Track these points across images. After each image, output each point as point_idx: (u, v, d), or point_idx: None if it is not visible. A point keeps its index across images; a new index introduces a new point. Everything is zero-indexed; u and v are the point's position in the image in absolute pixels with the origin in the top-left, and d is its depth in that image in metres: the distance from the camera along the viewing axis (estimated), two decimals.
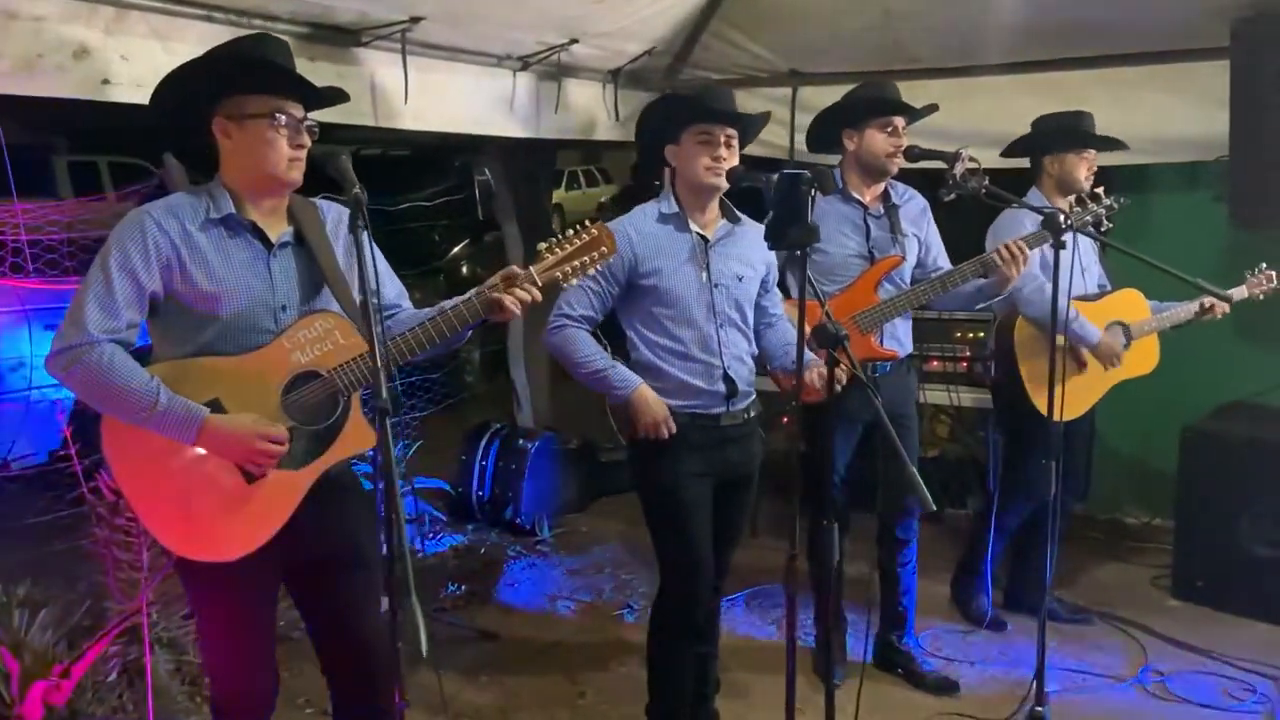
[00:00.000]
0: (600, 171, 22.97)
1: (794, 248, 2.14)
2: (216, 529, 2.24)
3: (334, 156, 2.07)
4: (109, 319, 2.16)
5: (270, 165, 2.23)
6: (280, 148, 2.22)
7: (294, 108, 2.24)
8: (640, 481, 3.04)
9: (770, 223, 2.16)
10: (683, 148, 2.86)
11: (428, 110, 3.92)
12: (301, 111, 2.26)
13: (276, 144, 2.21)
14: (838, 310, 3.37)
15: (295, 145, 2.23)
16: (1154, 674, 3.67)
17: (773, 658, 3.87)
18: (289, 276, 2.32)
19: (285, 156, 2.22)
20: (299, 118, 2.24)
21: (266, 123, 2.21)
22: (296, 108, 2.25)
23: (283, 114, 2.22)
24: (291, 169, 2.25)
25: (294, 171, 2.26)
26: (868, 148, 3.37)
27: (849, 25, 4.71)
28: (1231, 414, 4.42)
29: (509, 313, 2.33)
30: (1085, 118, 3.85)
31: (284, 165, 2.23)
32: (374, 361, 1.87)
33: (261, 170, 2.24)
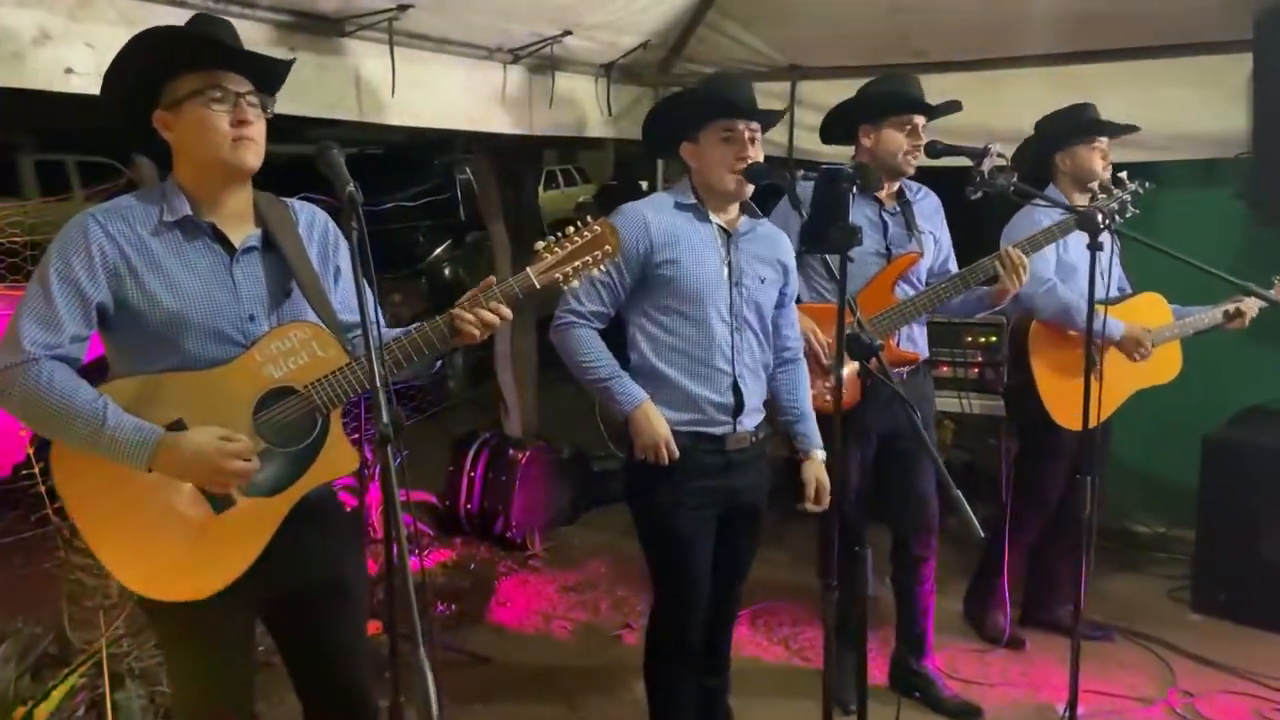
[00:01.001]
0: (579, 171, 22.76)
1: (834, 250, 1.95)
2: (182, 565, 2.02)
3: (325, 151, 1.85)
4: (48, 333, 1.94)
5: (210, 148, 1.98)
6: (217, 126, 1.96)
7: (232, 81, 1.99)
8: (636, 505, 2.83)
9: (807, 223, 1.97)
10: (702, 147, 2.64)
11: (415, 105, 3.71)
12: (244, 86, 2.00)
13: (212, 122, 1.96)
14: None
15: (237, 122, 1.97)
16: (1182, 694, 3.51)
17: (781, 680, 3.70)
18: (255, 283, 2.09)
19: (225, 136, 1.97)
20: (237, 92, 1.99)
21: (198, 101, 1.97)
22: (236, 81, 1.99)
23: (216, 88, 1.97)
24: (237, 150, 1.98)
25: (240, 153, 1.99)
26: (885, 146, 3.18)
27: (852, 17, 4.54)
28: (1252, 421, 4.27)
29: (467, 336, 2.10)
30: (1089, 108, 3.69)
31: (225, 146, 1.97)
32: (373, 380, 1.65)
33: (203, 156, 2.00)
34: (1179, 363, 3.71)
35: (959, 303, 3.23)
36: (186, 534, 2.00)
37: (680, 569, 2.74)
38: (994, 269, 3.14)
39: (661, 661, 2.86)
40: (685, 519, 2.70)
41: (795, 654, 3.89)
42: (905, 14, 4.44)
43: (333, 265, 2.24)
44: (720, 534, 2.78)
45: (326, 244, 2.23)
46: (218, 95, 1.96)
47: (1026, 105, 4.34)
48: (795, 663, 3.83)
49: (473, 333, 2.09)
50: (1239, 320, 3.63)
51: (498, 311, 2.10)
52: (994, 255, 3.14)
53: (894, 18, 4.47)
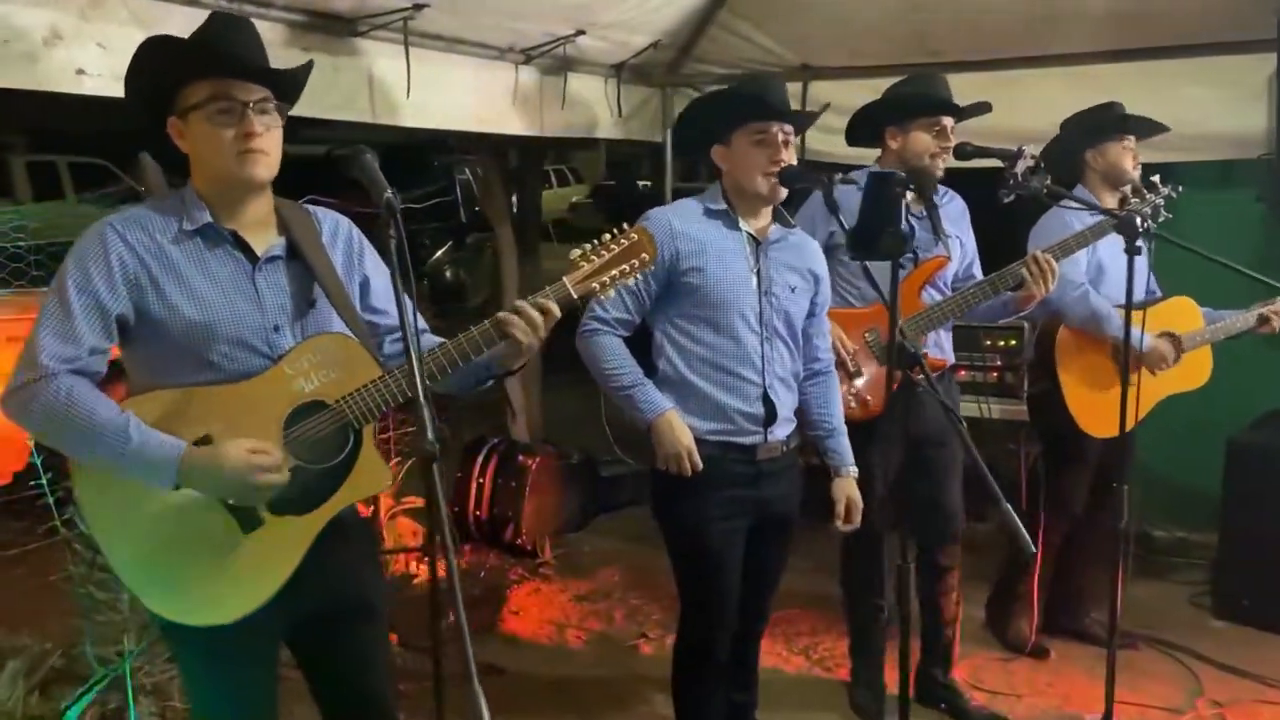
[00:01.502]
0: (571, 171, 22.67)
1: (885, 257, 1.88)
2: (210, 588, 1.94)
3: (359, 155, 1.78)
4: (67, 347, 1.86)
5: (217, 161, 1.91)
6: (222, 139, 1.89)
7: (241, 90, 1.90)
8: (663, 517, 2.76)
9: (856, 230, 1.91)
10: (734, 149, 2.57)
11: (428, 106, 3.64)
12: (252, 94, 1.91)
13: (217, 135, 1.89)
14: (880, 316, 3.13)
15: (244, 134, 1.89)
16: (1211, 704, 3.45)
17: (804, 691, 3.64)
18: (279, 293, 2.01)
19: (231, 150, 1.89)
20: (244, 100, 1.89)
21: (204, 113, 1.89)
22: (246, 90, 1.90)
23: (222, 98, 1.88)
24: (244, 164, 1.90)
25: (248, 167, 1.91)
26: (912, 148, 3.12)
27: (867, 16, 4.48)
28: (1275, 425, 4.22)
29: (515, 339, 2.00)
30: (1118, 106, 3.62)
31: (230, 159, 1.89)
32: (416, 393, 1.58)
33: (210, 169, 1.94)
34: (1209, 368, 3.65)
35: (985, 308, 3.17)
36: (214, 556, 1.93)
37: (709, 583, 2.68)
38: (1022, 274, 3.08)
39: (689, 675, 2.80)
40: (714, 532, 2.64)
41: (816, 664, 3.83)
42: (923, 12, 4.39)
43: (359, 274, 2.16)
44: (750, 544, 2.72)
45: (351, 252, 2.15)
46: (224, 107, 1.89)
47: (1044, 106, 4.30)
48: (817, 673, 3.77)
49: (519, 337, 1.99)
50: (1270, 324, 3.56)
51: (544, 308, 2.01)
52: (1023, 260, 3.08)
53: (910, 17, 4.41)
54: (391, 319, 2.20)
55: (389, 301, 2.20)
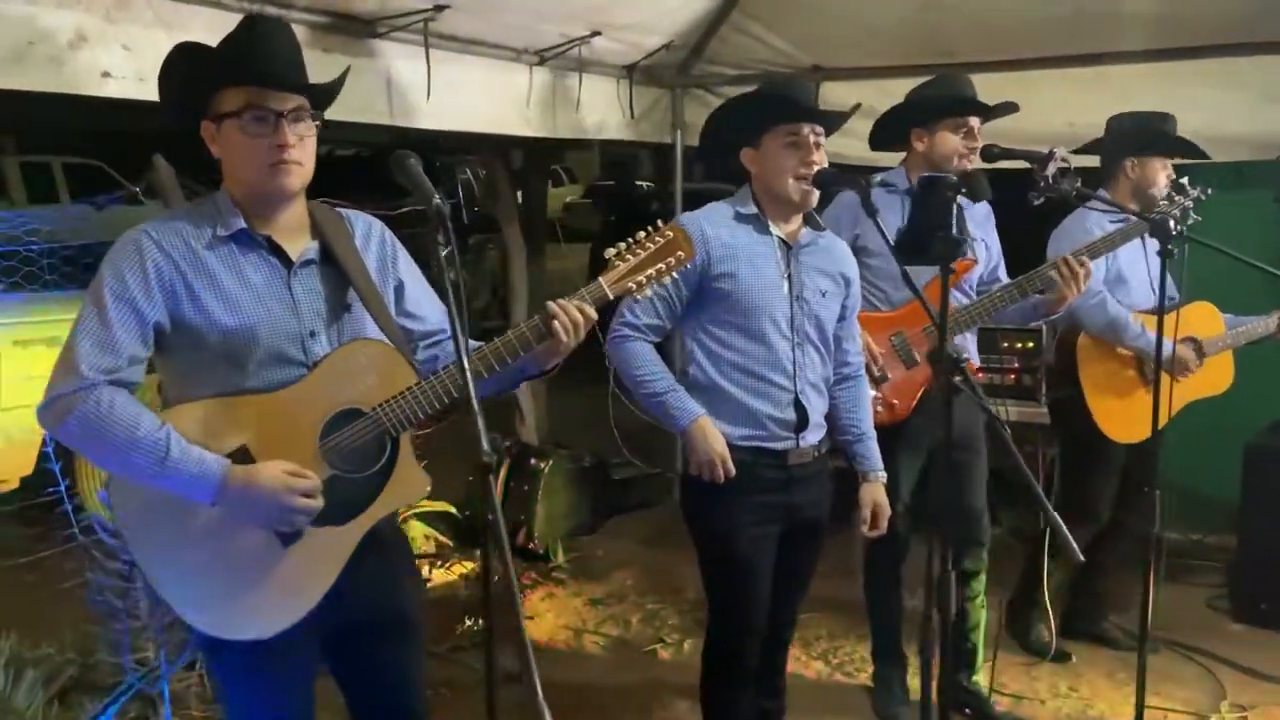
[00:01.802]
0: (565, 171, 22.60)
1: (936, 262, 1.85)
2: (251, 602, 1.91)
3: (402, 161, 1.74)
4: (106, 356, 1.83)
5: (248, 171, 1.88)
6: (255, 150, 1.85)
7: (274, 99, 1.86)
8: (694, 523, 2.73)
9: (906, 234, 1.88)
10: (764, 152, 2.54)
11: (446, 108, 3.61)
12: (287, 103, 1.87)
13: (250, 146, 1.86)
14: (907, 320, 3.12)
15: (277, 145, 1.85)
16: (1235, 708, 3.44)
17: (826, 697, 3.61)
18: (314, 298, 1.98)
19: (263, 161, 1.85)
20: (278, 110, 1.85)
21: (236, 123, 1.85)
22: (280, 99, 1.86)
23: (256, 107, 1.84)
24: (275, 176, 1.87)
25: (279, 180, 1.87)
26: (939, 149, 3.09)
27: (880, 17, 4.47)
28: None
29: (557, 339, 1.98)
30: (1170, 120, 3.57)
31: (262, 171, 1.86)
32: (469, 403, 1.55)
33: (242, 177, 1.91)
34: (1231, 373, 3.64)
35: (1014, 310, 3.14)
36: (254, 569, 1.90)
37: (740, 589, 2.65)
38: (1051, 277, 3.06)
39: (718, 682, 2.78)
40: (746, 539, 2.61)
41: (836, 669, 3.81)
42: (936, 12, 4.37)
43: (393, 278, 2.13)
44: (780, 549, 2.69)
45: (385, 256, 2.12)
46: (258, 115, 1.85)
47: (1057, 108, 4.30)
48: (838, 679, 3.75)
49: (561, 337, 1.97)
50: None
51: (583, 311, 1.99)
52: (1052, 263, 3.06)
53: (922, 17, 4.40)
54: (427, 324, 2.17)
55: (423, 306, 2.17)
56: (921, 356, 3.09)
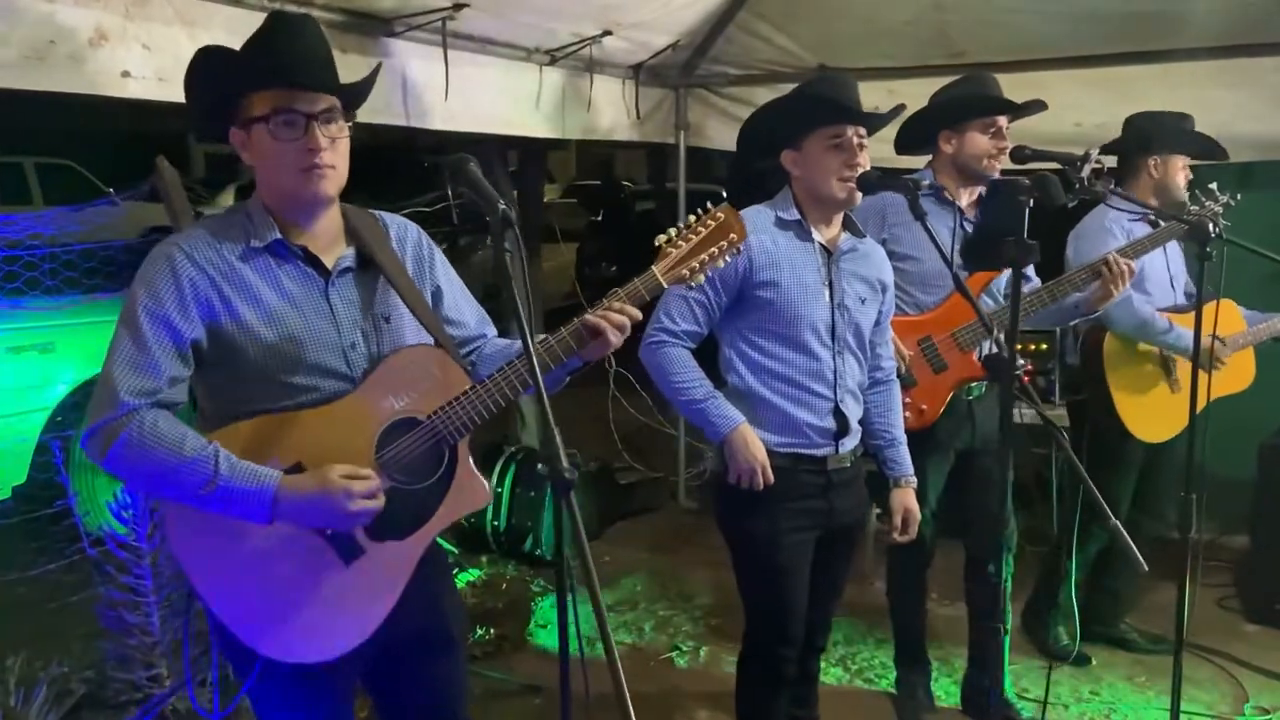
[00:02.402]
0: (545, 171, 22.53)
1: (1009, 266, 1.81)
2: (316, 623, 1.86)
3: (463, 165, 1.68)
4: (145, 379, 1.76)
5: (281, 177, 1.81)
6: (285, 155, 1.79)
7: (304, 101, 1.78)
8: (732, 530, 2.69)
9: (975, 238, 1.84)
10: (807, 154, 2.49)
11: (460, 109, 3.54)
12: (318, 104, 1.79)
13: (281, 152, 1.79)
14: (935, 324, 3.09)
15: (308, 149, 1.77)
16: (1259, 710, 3.44)
17: (848, 704, 3.56)
18: (352, 308, 1.92)
19: (294, 166, 1.78)
20: (308, 112, 1.78)
21: (266, 128, 1.78)
22: (310, 100, 1.79)
23: (285, 111, 1.77)
24: (309, 183, 1.80)
25: (312, 186, 1.80)
26: (969, 150, 3.06)
27: (890, 17, 4.44)
28: None
29: (606, 340, 1.89)
30: (1190, 120, 3.56)
31: (295, 176, 1.79)
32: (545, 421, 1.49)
33: (275, 184, 1.84)
34: (1253, 370, 3.64)
35: (1053, 310, 3.12)
36: (316, 589, 1.84)
37: (781, 598, 2.61)
38: (1082, 279, 3.04)
39: (756, 691, 2.74)
40: (786, 545, 2.57)
41: (856, 675, 3.77)
42: (944, 13, 4.35)
43: (430, 283, 2.07)
44: (817, 555, 2.65)
45: (421, 259, 2.06)
46: (287, 119, 1.78)
47: (1066, 108, 4.28)
48: (858, 685, 3.71)
49: (611, 340, 1.90)
50: None
51: (625, 311, 1.91)
52: (1087, 267, 3.04)
53: (933, 17, 4.37)
54: (466, 330, 2.12)
55: (463, 311, 2.12)
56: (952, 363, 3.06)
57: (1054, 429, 2.06)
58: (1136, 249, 3.13)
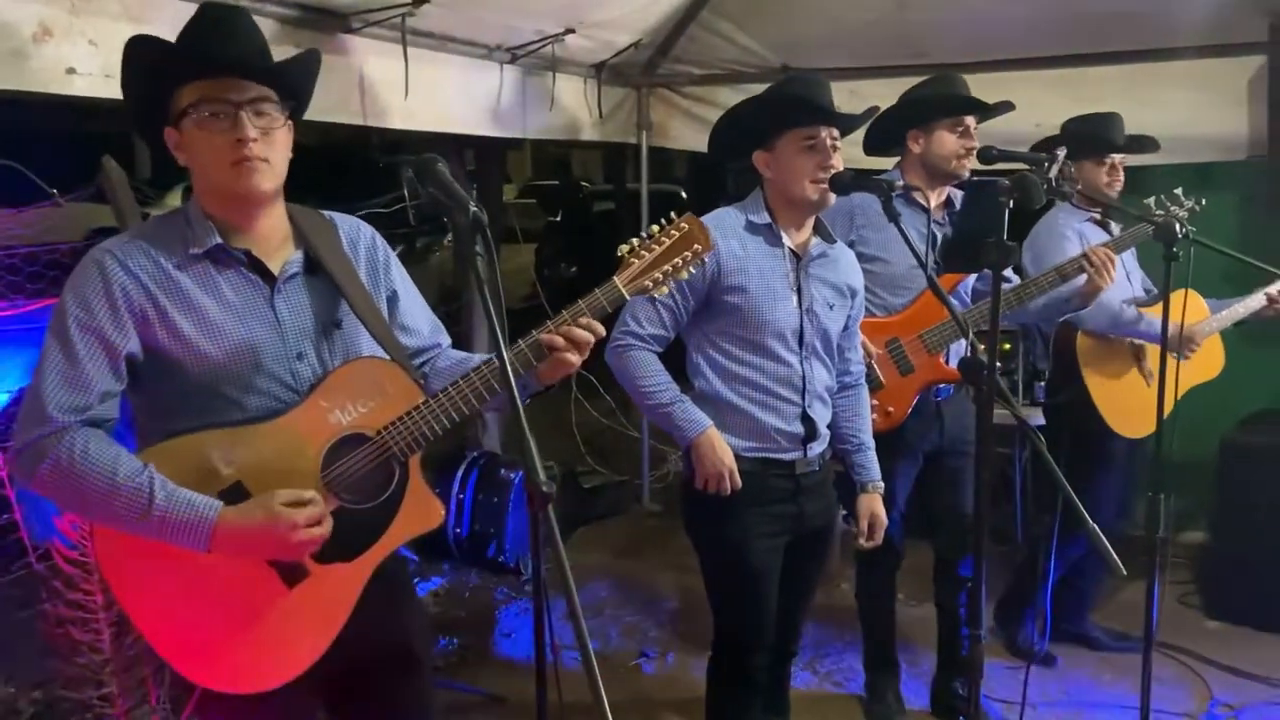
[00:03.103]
0: None
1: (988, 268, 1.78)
2: (255, 651, 1.77)
3: (430, 166, 1.61)
4: (75, 395, 1.66)
5: (212, 172, 1.72)
6: (214, 147, 1.69)
7: (234, 89, 1.68)
8: (700, 536, 2.65)
9: (955, 240, 1.81)
10: (780, 155, 2.45)
11: (420, 107, 3.46)
12: (245, 92, 1.69)
13: (208, 145, 1.69)
14: (903, 326, 3.07)
15: (237, 140, 1.68)
16: (1224, 708, 3.46)
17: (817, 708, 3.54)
18: (301, 316, 1.82)
19: (223, 159, 1.69)
20: (236, 101, 1.68)
21: (193, 118, 1.69)
22: (239, 89, 1.69)
23: (210, 100, 1.67)
24: (239, 176, 1.70)
25: (243, 179, 1.70)
26: (936, 150, 3.05)
27: (853, 17, 4.43)
28: (1263, 425, 4.27)
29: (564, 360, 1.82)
30: (1113, 120, 3.58)
31: (225, 170, 1.69)
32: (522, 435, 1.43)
33: (208, 182, 1.74)
34: (1223, 356, 3.67)
35: (1041, 307, 3.12)
36: (257, 615, 1.76)
37: (752, 603, 2.58)
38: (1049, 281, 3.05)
39: (728, 700, 2.70)
40: (756, 550, 2.54)
41: (825, 679, 3.75)
42: (906, 13, 4.35)
43: (385, 288, 1.99)
44: (787, 559, 2.62)
45: (375, 263, 1.97)
46: (214, 110, 1.68)
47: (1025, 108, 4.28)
48: (827, 689, 3.69)
49: (567, 358, 1.83)
50: (1277, 305, 3.55)
51: (590, 328, 1.84)
52: (1052, 270, 3.05)
53: (896, 16, 4.37)
54: (420, 339, 2.04)
55: (417, 319, 2.04)
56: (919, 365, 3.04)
57: (1030, 431, 2.03)
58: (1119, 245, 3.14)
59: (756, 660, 2.64)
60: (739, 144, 2.52)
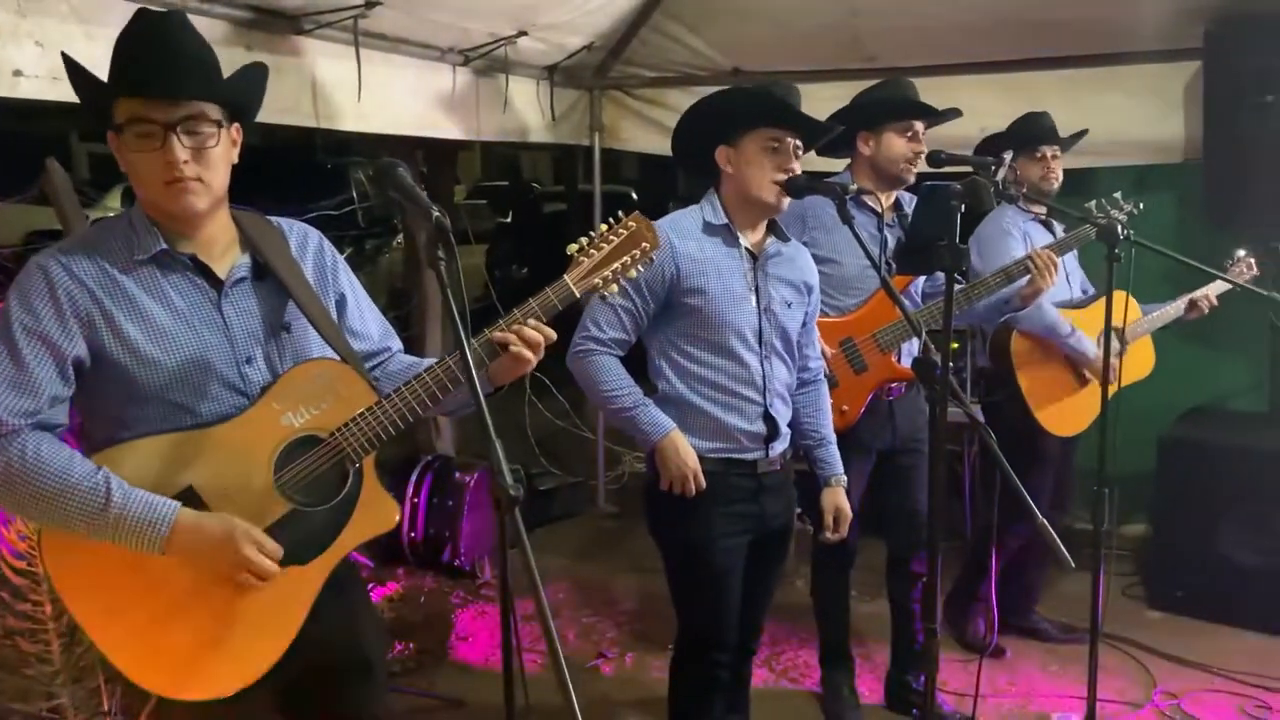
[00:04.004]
0: None
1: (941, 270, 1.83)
2: (207, 657, 1.76)
3: (390, 170, 1.62)
4: (23, 399, 1.66)
5: (146, 191, 1.71)
6: (147, 166, 1.67)
7: (159, 109, 1.65)
8: (664, 537, 2.68)
9: (909, 243, 1.85)
10: (742, 153, 2.48)
11: (372, 110, 3.45)
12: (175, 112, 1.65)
13: (140, 163, 1.68)
14: (856, 326, 3.12)
15: (166, 162, 1.65)
16: (1166, 696, 3.56)
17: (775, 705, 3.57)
18: (249, 319, 1.82)
19: (155, 179, 1.67)
20: (165, 122, 1.65)
21: (126, 138, 1.68)
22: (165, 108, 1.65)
23: (139, 120, 1.65)
24: (171, 198, 1.69)
25: (176, 200, 1.69)
26: (885, 153, 3.10)
27: (803, 21, 4.48)
28: (1199, 421, 4.40)
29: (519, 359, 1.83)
30: (1044, 118, 3.69)
31: (156, 190, 1.68)
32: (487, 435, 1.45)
33: (143, 198, 1.74)
34: (1153, 357, 3.79)
35: (982, 308, 3.19)
36: (208, 620, 1.75)
37: (713, 604, 2.60)
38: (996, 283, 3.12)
39: (690, 698, 2.72)
40: (719, 549, 2.57)
41: (782, 675, 3.79)
42: (856, 17, 4.41)
43: (333, 292, 1.99)
44: (749, 558, 2.65)
45: (323, 267, 1.97)
46: (143, 130, 1.66)
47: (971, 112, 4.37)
48: (784, 684, 3.73)
49: (523, 354, 1.83)
50: (1198, 308, 3.69)
51: (541, 330, 1.86)
52: (1000, 270, 3.12)
53: (845, 21, 4.43)
54: (370, 342, 2.04)
55: (367, 322, 2.04)
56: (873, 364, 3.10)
57: (981, 427, 2.08)
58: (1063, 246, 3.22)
59: (719, 659, 2.66)
60: (704, 135, 2.53)
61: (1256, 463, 4.01)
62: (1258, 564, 3.96)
